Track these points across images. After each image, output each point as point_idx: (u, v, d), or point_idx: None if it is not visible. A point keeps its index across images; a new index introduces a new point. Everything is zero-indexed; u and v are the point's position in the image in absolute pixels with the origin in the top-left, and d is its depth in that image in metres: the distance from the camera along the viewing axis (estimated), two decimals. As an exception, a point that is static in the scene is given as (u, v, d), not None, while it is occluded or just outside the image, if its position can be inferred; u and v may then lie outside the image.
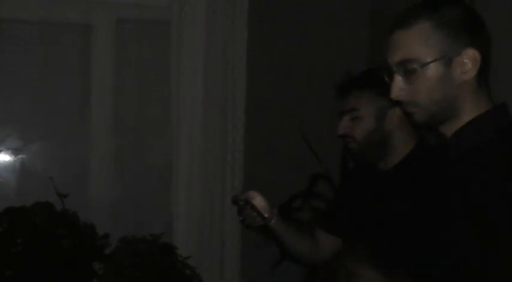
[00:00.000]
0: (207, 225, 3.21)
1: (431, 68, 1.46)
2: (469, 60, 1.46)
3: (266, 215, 2.12)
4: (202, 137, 3.21)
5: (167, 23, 3.21)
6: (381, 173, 2.13)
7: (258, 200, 2.12)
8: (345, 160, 3.22)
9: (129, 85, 3.35)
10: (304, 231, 2.32)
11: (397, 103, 1.56)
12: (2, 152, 3.24)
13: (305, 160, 3.27)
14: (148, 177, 3.37)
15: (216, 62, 3.22)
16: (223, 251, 3.24)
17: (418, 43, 1.47)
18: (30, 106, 3.28)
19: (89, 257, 2.68)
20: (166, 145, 3.27)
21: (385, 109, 2.09)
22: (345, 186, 2.37)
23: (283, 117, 3.40)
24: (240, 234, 3.23)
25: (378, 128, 2.08)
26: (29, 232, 2.64)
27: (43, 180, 2.98)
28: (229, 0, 3.22)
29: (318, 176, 3.27)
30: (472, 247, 1.36)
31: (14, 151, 3.26)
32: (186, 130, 3.20)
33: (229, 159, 3.24)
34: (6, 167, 3.25)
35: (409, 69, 1.48)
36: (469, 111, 1.49)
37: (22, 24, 3.25)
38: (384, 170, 2.12)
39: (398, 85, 1.50)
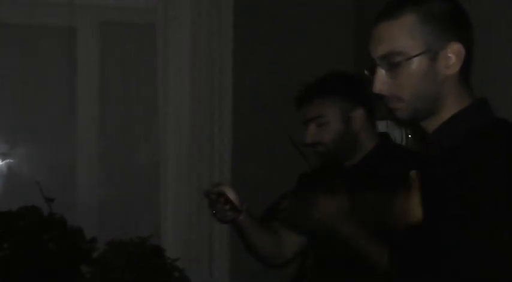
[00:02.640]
0: (195, 226, 3.21)
1: (416, 62, 1.43)
2: (453, 55, 1.44)
3: (240, 209, 2.14)
4: (189, 137, 3.21)
5: (151, 26, 3.20)
6: (344, 170, 2.18)
7: (231, 194, 2.14)
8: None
9: (115, 87, 3.34)
10: (269, 230, 2.33)
11: (380, 97, 1.52)
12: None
13: (293, 160, 3.26)
14: (136, 178, 3.36)
15: (202, 63, 3.22)
16: (212, 252, 3.24)
17: (404, 36, 1.44)
18: (16, 109, 3.27)
19: (76, 261, 2.67)
20: (154, 146, 3.26)
21: (349, 111, 2.14)
22: (307, 184, 2.39)
23: (270, 118, 3.40)
24: (228, 235, 3.23)
25: (345, 130, 2.14)
26: (15, 237, 2.62)
27: (30, 184, 2.96)
28: (214, 1, 3.22)
29: (306, 176, 3.26)
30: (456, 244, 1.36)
31: (1, 155, 3.24)
32: (173, 131, 3.20)
33: (217, 160, 3.24)
34: (-8, 171, 3.24)
35: (393, 63, 1.44)
36: (451, 106, 1.46)
37: (6, 27, 3.23)
38: (348, 167, 2.17)
39: (381, 79, 1.47)
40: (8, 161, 3.24)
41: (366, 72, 1.53)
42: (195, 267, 3.15)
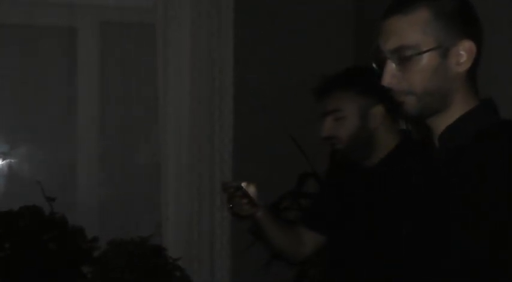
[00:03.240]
0: (196, 226, 3.21)
1: (428, 57, 1.43)
2: (464, 52, 1.43)
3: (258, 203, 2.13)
4: (190, 137, 3.21)
5: (151, 26, 3.20)
6: (365, 169, 2.13)
7: (250, 188, 2.12)
8: (333, 159, 3.22)
9: (115, 87, 3.35)
10: (288, 227, 2.32)
11: (389, 91, 1.50)
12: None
13: (294, 160, 3.27)
14: (136, 178, 3.36)
15: (202, 63, 3.22)
16: (213, 252, 3.24)
17: (416, 30, 1.43)
18: (16, 109, 3.27)
19: (77, 261, 2.66)
20: (154, 146, 3.26)
21: (368, 107, 2.09)
22: (328, 183, 2.37)
23: (271, 117, 3.40)
24: (229, 234, 3.23)
25: (362, 126, 2.08)
26: (16, 236, 2.62)
27: (31, 183, 2.96)
28: (214, 1, 3.22)
29: (306, 175, 3.27)
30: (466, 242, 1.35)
31: (1, 155, 3.24)
32: (173, 131, 3.20)
33: (217, 160, 3.24)
34: (-7, 171, 3.24)
35: (404, 56, 1.44)
36: (459, 105, 1.46)
37: (6, 27, 3.23)
38: (367, 167, 2.13)
39: (391, 72, 1.46)
40: (8, 160, 3.24)
41: (374, 65, 1.52)
42: (197, 267, 3.15)
